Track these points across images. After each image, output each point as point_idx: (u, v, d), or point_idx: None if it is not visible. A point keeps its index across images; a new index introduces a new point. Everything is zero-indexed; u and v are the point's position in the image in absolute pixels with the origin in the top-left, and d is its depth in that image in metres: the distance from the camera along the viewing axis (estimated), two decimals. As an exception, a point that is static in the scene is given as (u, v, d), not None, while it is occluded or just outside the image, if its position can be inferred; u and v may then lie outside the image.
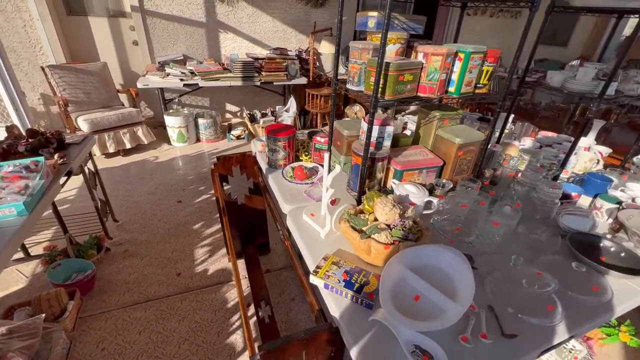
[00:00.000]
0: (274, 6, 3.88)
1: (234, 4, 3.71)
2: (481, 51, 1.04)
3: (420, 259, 0.87)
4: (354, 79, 1.09)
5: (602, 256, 1.03)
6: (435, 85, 1.02)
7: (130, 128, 3.20)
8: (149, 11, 3.45)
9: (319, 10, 4.08)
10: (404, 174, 1.16)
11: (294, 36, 4.14)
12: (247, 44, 3.98)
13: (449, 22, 4.81)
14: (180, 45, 3.71)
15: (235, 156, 1.65)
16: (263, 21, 3.91)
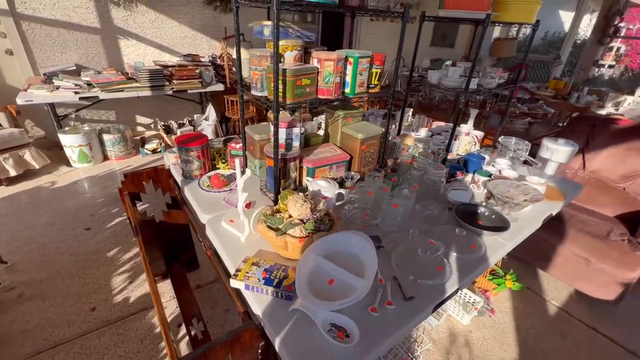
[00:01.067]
0: (179, 11, 3.69)
1: (132, 8, 3.43)
2: (367, 55, 1.17)
3: (332, 246, 0.95)
4: (257, 85, 1.13)
5: (480, 220, 1.26)
6: (331, 88, 1.12)
7: (13, 152, 2.72)
8: (23, 15, 2.98)
9: (229, 16, 4.02)
10: (315, 170, 1.24)
11: (206, 42, 4.01)
12: (154, 51, 3.71)
13: (355, 29, 5.19)
14: (70, 54, 3.28)
15: (146, 171, 1.55)
16: (169, 26, 3.70)
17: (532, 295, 1.94)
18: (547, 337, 1.70)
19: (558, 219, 1.95)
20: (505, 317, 1.79)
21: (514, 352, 1.61)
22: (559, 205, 1.44)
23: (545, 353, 1.62)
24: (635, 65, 6.87)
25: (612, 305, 1.83)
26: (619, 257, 1.67)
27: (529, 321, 1.78)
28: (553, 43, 6.63)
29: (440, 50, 5.82)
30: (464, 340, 1.65)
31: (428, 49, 5.97)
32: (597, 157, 2.20)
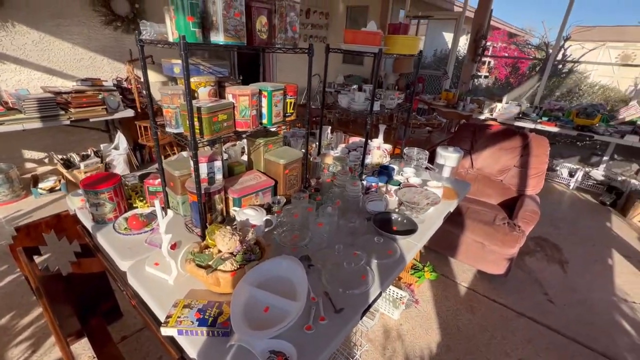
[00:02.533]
0: (71, 31, 3.31)
1: (7, 28, 2.96)
2: (280, 88, 1.26)
3: (264, 274, 0.99)
4: (171, 122, 1.11)
5: (394, 226, 1.44)
6: (249, 120, 1.18)
7: None
8: None
9: (133, 36, 3.75)
10: (242, 200, 1.27)
11: (108, 64, 3.66)
12: (41, 76, 3.24)
13: (270, 59, 5.36)
14: None
15: (46, 220, 1.37)
16: (59, 48, 3.29)
17: (447, 281, 2.25)
18: (460, 315, 1.99)
19: (457, 212, 2.31)
20: (428, 305, 2.03)
21: (436, 334, 1.85)
22: (454, 203, 1.72)
23: (460, 328, 1.89)
24: (501, 76, 8.49)
25: (503, 278, 2.23)
26: (503, 238, 2.06)
27: (446, 305, 2.05)
28: (442, 59, 7.79)
29: (352, 67, 6.34)
30: (396, 334, 1.83)
31: (341, 66, 6.45)
32: (480, 157, 2.68)
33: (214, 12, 0.98)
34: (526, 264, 2.51)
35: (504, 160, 2.58)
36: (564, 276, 2.42)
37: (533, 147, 2.48)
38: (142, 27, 1.08)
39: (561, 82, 7.18)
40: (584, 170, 4.02)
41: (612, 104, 6.28)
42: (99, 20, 3.47)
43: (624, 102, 6.56)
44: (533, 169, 2.46)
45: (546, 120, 3.93)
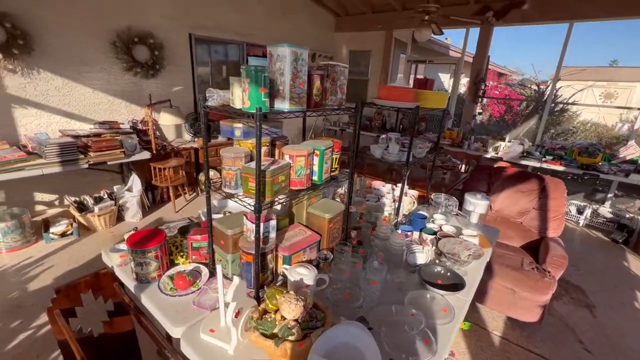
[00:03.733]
0: (93, 77, 3.42)
1: (33, 75, 3.05)
2: (330, 146, 1.30)
3: (331, 341, 0.95)
4: (230, 183, 1.13)
5: (439, 279, 1.42)
6: (303, 179, 1.20)
7: None
8: None
9: (151, 81, 3.89)
10: (292, 257, 1.25)
11: (125, 107, 3.75)
12: (60, 119, 3.30)
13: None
14: (-58, 128, 2.68)
15: (85, 280, 1.32)
16: (80, 93, 3.37)
17: (479, 330, 2.19)
18: (499, 368, 1.90)
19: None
20: (464, 358, 1.95)
21: (478, 391, 1.76)
22: (489, 252, 1.72)
23: (501, 385, 1.80)
24: (495, 113, 8.86)
25: (537, 326, 2.18)
26: (534, 284, 2.03)
27: (482, 357, 1.97)
28: (439, 98, 8.16)
29: (355, 106, 6.57)
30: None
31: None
32: (498, 199, 2.72)
33: (281, 83, 1.03)
34: (554, 308, 2.46)
35: (523, 203, 2.62)
36: (594, 321, 2.37)
37: (550, 190, 2.54)
38: (208, 93, 1.12)
39: (555, 120, 7.51)
40: (591, 208, 4.09)
41: (605, 141, 6.54)
42: (120, 67, 3.60)
43: (616, 139, 6.86)
44: (553, 212, 2.49)
45: (550, 159, 4.06)
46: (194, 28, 4.15)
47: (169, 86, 4.08)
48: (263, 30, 5.01)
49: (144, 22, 3.67)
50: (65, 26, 3.14)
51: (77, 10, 3.18)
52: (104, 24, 3.39)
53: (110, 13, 3.41)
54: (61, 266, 2.54)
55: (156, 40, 3.78)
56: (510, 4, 4.26)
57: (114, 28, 3.46)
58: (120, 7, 3.47)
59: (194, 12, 4.11)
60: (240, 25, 4.68)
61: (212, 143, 4.32)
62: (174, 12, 3.91)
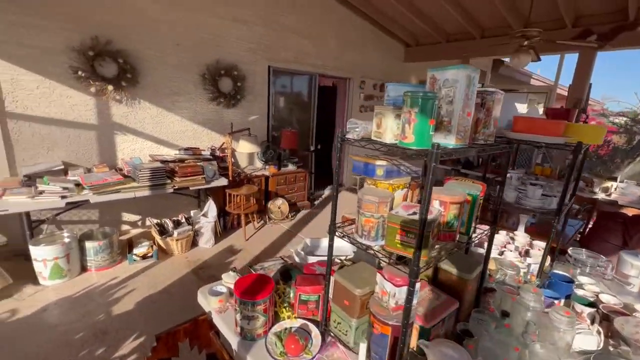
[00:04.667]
0: (182, 107, 3.65)
1: (135, 104, 3.32)
2: (479, 190, 1.04)
3: None
4: (369, 233, 0.92)
5: (628, 380, 1.02)
6: (454, 232, 0.95)
7: (-33, 274, 2.16)
8: (12, 114, 2.72)
9: (231, 111, 4.05)
10: (431, 331, 0.98)
11: (206, 134, 3.91)
12: (151, 145, 3.51)
13: None
14: (58, 151, 2.98)
15: (184, 327, 1.18)
16: (170, 121, 3.59)
17: None
18: None
19: None
20: None
21: None
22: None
23: None
24: (584, 147, 7.79)
25: None
26: None
27: None
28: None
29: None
30: None
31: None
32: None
33: (447, 113, 0.83)
34: None
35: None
36: None
37: None
38: (350, 124, 0.96)
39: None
40: None
41: None
42: (206, 97, 3.80)
43: None
44: None
45: (687, 205, 3.27)
46: (273, 60, 4.31)
47: (246, 115, 4.21)
48: (335, 61, 5.06)
49: (230, 56, 3.89)
50: (165, 61, 3.42)
51: (177, 48, 3.46)
52: (198, 59, 3.64)
53: (205, 49, 3.66)
54: (142, 290, 2.54)
55: (240, 73, 3.96)
56: (620, 27, 3.74)
57: (205, 62, 3.70)
58: (213, 43, 3.71)
59: (275, 46, 4.28)
60: (315, 57, 4.78)
61: (282, 171, 4.30)
62: (257, 46, 4.10)
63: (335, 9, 4.87)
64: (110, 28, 3.03)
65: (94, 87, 3.00)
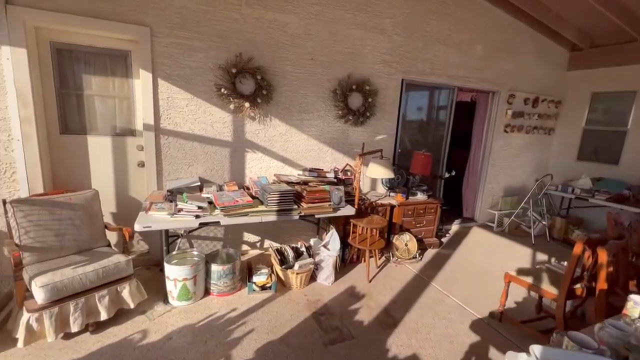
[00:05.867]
0: (310, 124, 3.40)
1: (267, 122, 3.20)
2: None
3: None
4: None
5: None
6: None
7: (113, 287, 2.18)
8: (165, 130, 2.84)
9: (358, 129, 3.64)
10: None
11: (330, 155, 3.58)
12: (276, 164, 3.34)
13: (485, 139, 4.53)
14: (197, 167, 3.02)
15: None
16: (296, 140, 3.37)
17: None
18: None
19: None
20: None
21: None
22: None
23: None
24: None
25: None
26: None
27: None
28: None
29: (594, 166, 4.69)
30: None
31: (576, 164, 4.90)
32: None
33: None
34: None
35: None
36: None
37: None
38: None
39: None
40: None
41: None
42: (334, 115, 3.48)
43: None
44: None
45: None
46: (408, 73, 3.76)
47: (373, 134, 3.74)
48: (479, 72, 4.19)
49: (363, 69, 3.50)
50: (299, 77, 3.23)
51: (311, 63, 3.25)
52: (330, 73, 3.36)
53: (338, 62, 3.37)
54: (261, 333, 2.21)
55: (371, 87, 3.54)
56: None
57: (337, 76, 3.40)
58: (347, 56, 3.39)
59: (411, 56, 3.73)
60: (455, 67, 4.03)
61: (410, 201, 3.63)
62: (392, 58, 3.62)
63: (486, 12, 4.05)
64: (252, 44, 2.98)
65: (233, 104, 2.96)
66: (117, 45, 2.69)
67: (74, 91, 2.66)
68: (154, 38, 2.66)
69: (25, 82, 2.37)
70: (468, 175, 4.82)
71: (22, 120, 2.41)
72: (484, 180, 4.70)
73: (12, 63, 2.32)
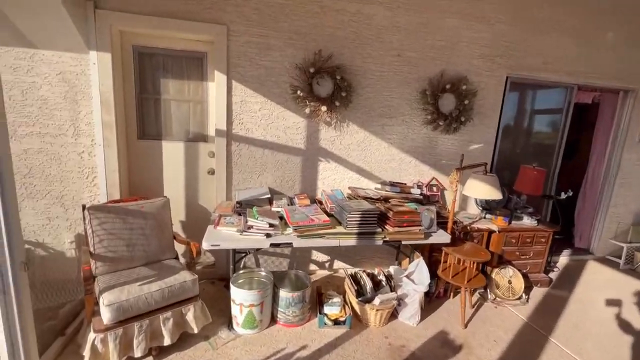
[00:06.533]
0: (392, 131, 2.94)
1: (343, 128, 2.82)
2: None
3: None
4: None
5: None
6: None
7: (177, 309, 1.98)
8: (237, 136, 2.64)
9: (449, 137, 3.06)
10: None
11: (413, 166, 3.06)
12: (352, 176, 2.94)
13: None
14: (267, 176, 2.77)
15: None
16: (375, 148, 2.94)
17: None
18: None
19: None
20: None
21: None
22: None
23: None
24: None
25: None
26: None
27: None
28: None
29: None
30: None
31: None
32: None
33: None
34: None
35: None
36: None
37: None
38: None
39: None
40: None
41: None
42: (421, 120, 2.97)
43: None
44: None
45: None
46: (514, 69, 3.07)
47: (466, 143, 3.12)
48: (606, 67, 3.30)
49: (458, 66, 2.93)
50: (381, 76, 2.80)
51: (398, 60, 2.79)
52: (420, 71, 2.87)
53: (430, 58, 2.86)
54: (337, 386, 1.80)
55: (468, 87, 2.94)
56: None
57: (428, 75, 2.88)
58: (440, 50, 2.86)
59: (519, 49, 3.04)
60: (576, 62, 3.21)
61: (513, 226, 2.93)
62: (494, 51, 2.98)
63: (624, -14, 3.17)
64: (332, 40, 2.64)
65: (309, 107, 2.64)
66: (194, 47, 2.56)
67: (152, 95, 2.60)
68: (230, 37, 2.47)
69: (108, 87, 2.34)
70: (584, 196, 3.85)
71: (105, 125, 2.38)
72: (606, 202, 3.71)
73: (98, 68, 2.30)
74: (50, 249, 2.52)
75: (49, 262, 2.51)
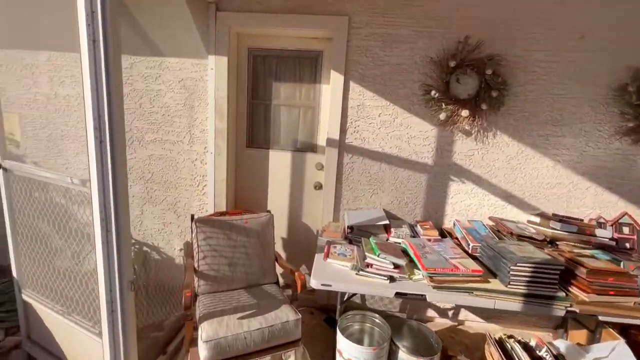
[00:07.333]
0: (560, 144, 2.10)
1: (488, 139, 2.13)
2: None
3: None
4: None
5: None
6: None
7: (277, 354, 1.65)
8: (350, 146, 2.23)
9: (660, 154, 2.04)
10: None
11: (591, 195, 2.14)
12: (494, 202, 2.21)
13: None
14: (382, 196, 2.28)
15: None
16: (533, 167, 2.15)
17: None
18: None
19: None
20: None
21: None
22: None
23: None
24: None
25: None
26: None
27: None
28: None
29: None
30: None
31: None
32: None
33: None
34: None
35: None
36: None
37: None
38: None
39: None
40: None
41: None
42: (612, 129, 2.04)
43: None
44: None
45: None
46: None
47: (691, 165, 2.04)
48: None
49: (688, 47, 1.91)
50: (550, 69, 2.02)
51: (579, 45, 1.97)
52: (614, 60, 1.97)
53: (632, 38, 1.94)
54: None
55: None
56: None
57: (627, 64, 1.96)
58: None
59: None
60: None
61: None
62: None
63: None
64: (480, 24, 2.00)
65: (444, 112, 2.05)
66: (309, 46, 2.27)
67: (263, 101, 2.41)
68: (351, 30, 2.08)
69: (223, 92, 2.22)
70: None
71: (217, 132, 2.28)
72: None
73: (215, 73, 2.20)
74: (164, 254, 2.56)
75: (162, 266, 2.55)
